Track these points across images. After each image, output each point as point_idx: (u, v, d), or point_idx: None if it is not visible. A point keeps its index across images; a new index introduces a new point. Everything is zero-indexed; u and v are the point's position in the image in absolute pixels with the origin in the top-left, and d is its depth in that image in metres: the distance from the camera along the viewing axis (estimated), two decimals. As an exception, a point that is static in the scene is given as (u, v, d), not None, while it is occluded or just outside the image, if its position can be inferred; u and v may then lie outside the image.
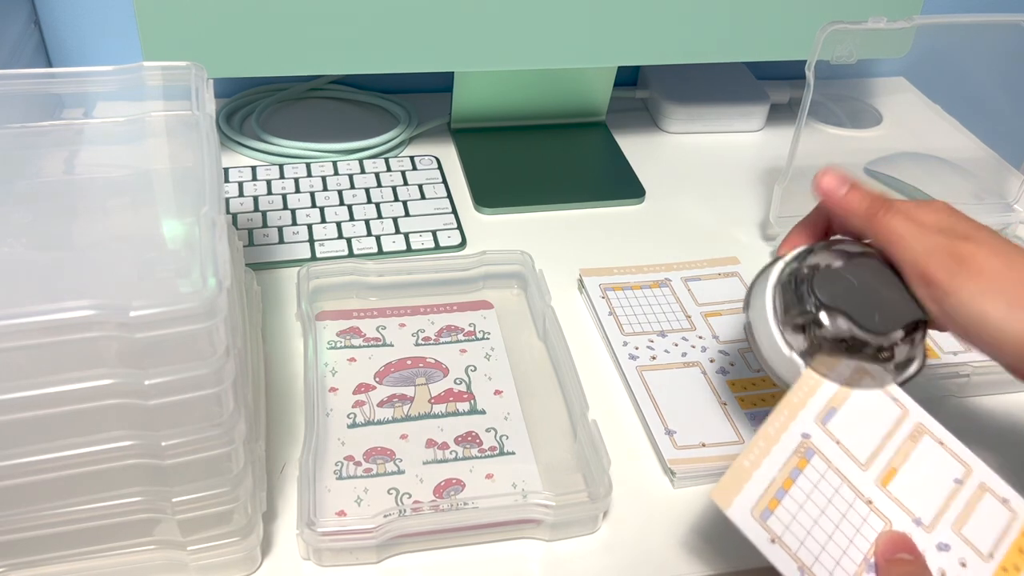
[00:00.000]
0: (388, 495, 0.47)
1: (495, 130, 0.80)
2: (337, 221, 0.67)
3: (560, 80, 0.78)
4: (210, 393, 0.37)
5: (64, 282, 0.38)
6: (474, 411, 0.53)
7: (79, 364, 0.34)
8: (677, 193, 0.75)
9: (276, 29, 0.63)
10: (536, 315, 0.59)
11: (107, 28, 0.78)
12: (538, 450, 0.51)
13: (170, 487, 0.39)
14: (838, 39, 0.60)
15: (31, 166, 0.45)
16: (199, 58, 0.49)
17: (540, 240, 0.68)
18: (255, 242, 0.65)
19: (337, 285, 0.59)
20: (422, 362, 0.55)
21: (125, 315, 0.33)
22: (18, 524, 0.38)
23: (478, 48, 0.67)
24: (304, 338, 0.55)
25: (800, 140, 0.63)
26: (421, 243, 0.66)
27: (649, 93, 0.85)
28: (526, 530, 0.47)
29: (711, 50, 0.72)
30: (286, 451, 0.50)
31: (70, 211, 0.42)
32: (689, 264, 0.65)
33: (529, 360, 0.57)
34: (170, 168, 0.46)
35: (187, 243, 0.39)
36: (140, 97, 0.47)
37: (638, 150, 0.80)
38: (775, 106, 0.86)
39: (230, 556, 0.43)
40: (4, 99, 0.47)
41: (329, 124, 0.79)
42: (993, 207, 0.73)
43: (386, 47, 0.66)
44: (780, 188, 0.66)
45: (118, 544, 0.41)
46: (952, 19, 0.65)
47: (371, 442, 0.50)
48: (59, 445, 0.36)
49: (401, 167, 0.74)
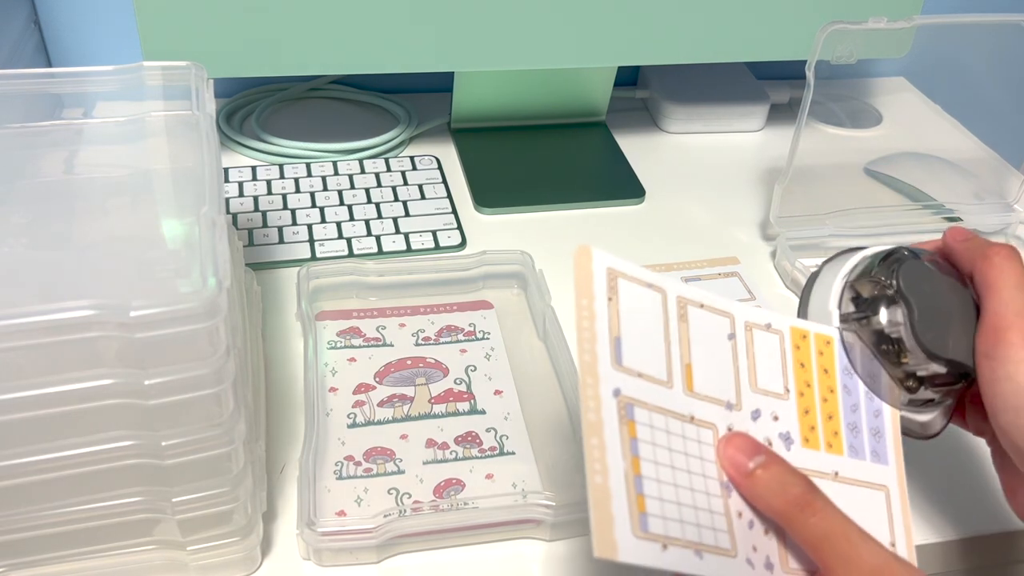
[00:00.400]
0: (388, 495, 0.47)
1: (495, 130, 0.80)
2: (337, 221, 0.67)
3: (560, 80, 0.78)
4: (210, 393, 0.37)
5: (64, 282, 0.38)
6: (474, 411, 0.53)
7: (79, 364, 0.34)
8: (677, 193, 0.75)
9: (276, 29, 0.63)
10: (536, 315, 0.59)
11: (107, 28, 0.78)
12: (538, 450, 0.51)
13: (170, 487, 0.39)
14: (838, 39, 0.60)
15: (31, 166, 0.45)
16: (199, 58, 0.49)
17: (540, 240, 0.68)
18: (255, 242, 0.65)
19: (337, 285, 0.59)
20: (422, 362, 0.55)
21: (125, 315, 0.33)
22: (18, 524, 0.38)
23: (478, 48, 0.67)
24: (304, 338, 0.55)
25: (800, 140, 0.63)
26: (421, 243, 0.66)
27: (649, 93, 0.85)
28: (526, 530, 0.47)
29: (711, 50, 0.72)
30: (286, 451, 0.50)
31: (70, 211, 0.42)
32: (689, 264, 0.65)
33: (529, 360, 0.57)
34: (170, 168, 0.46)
35: (187, 243, 0.39)
36: (140, 97, 0.47)
37: (638, 150, 0.80)
38: (775, 106, 0.86)
39: (230, 556, 0.43)
40: (4, 99, 0.46)
41: (329, 124, 0.79)
42: (993, 207, 0.73)
43: (386, 47, 0.66)
44: (780, 188, 0.66)
45: (118, 544, 0.41)
46: (952, 19, 0.65)
47: (371, 442, 0.50)
48: (59, 445, 0.36)
49: (401, 167, 0.74)
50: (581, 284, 0.37)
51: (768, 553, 0.37)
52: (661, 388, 0.38)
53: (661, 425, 0.37)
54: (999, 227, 0.72)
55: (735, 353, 0.40)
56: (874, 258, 0.43)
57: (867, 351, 0.42)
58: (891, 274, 0.41)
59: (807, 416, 0.41)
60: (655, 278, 0.39)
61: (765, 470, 0.37)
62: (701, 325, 0.40)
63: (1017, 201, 0.73)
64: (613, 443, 0.35)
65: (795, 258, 0.65)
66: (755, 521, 0.38)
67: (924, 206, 0.73)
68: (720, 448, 0.38)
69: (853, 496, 0.40)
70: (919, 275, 0.41)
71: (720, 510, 0.37)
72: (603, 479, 0.34)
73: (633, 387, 0.37)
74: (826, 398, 0.42)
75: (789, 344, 0.42)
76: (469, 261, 0.61)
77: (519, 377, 0.55)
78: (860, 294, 0.42)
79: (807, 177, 0.67)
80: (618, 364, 0.37)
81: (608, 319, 0.37)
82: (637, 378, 0.37)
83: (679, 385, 0.38)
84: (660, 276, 0.39)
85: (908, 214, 0.72)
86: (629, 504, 0.34)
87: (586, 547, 0.47)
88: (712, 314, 0.40)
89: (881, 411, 0.42)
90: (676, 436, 0.37)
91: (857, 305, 0.42)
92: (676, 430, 0.37)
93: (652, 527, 0.34)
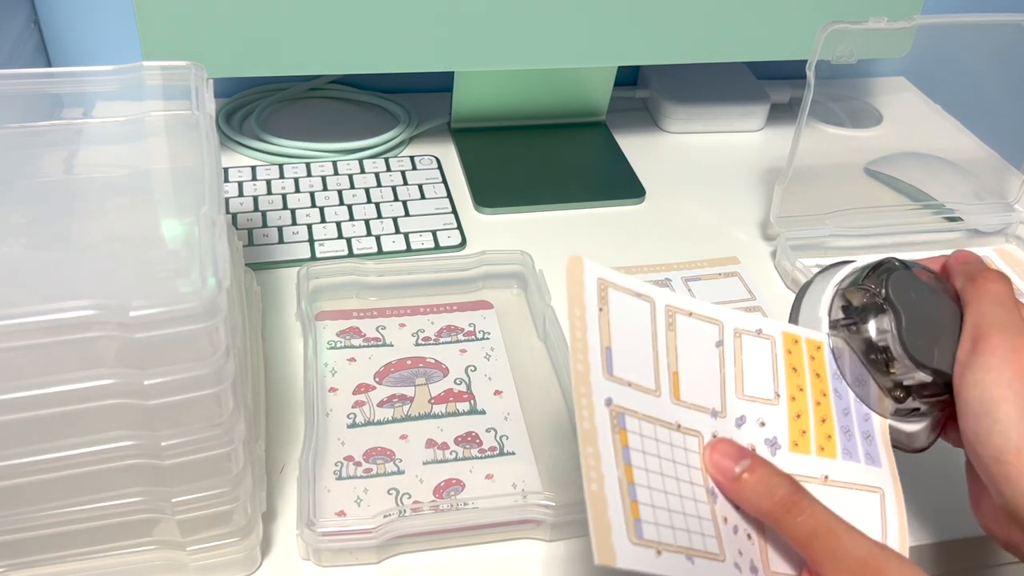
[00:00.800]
0: (388, 495, 0.47)
1: (495, 130, 0.80)
2: (337, 221, 0.67)
3: (560, 80, 0.78)
4: (210, 393, 0.37)
5: (64, 282, 0.38)
6: (474, 411, 0.53)
7: (79, 364, 0.34)
8: (677, 193, 0.75)
9: (276, 29, 0.63)
10: (536, 315, 0.59)
11: (107, 28, 0.78)
12: (538, 450, 0.50)
13: (170, 487, 0.39)
14: (838, 39, 0.60)
15: (30, 166, 0.45)
16: (199, 58, 0.49)
17: (540, 240, 0.68)
18: (255, 242, 0.65)
19: (337, 285, 0.59)
20: (422, 362, 0.55)
21: (125, 315, 0.33)
22: (18, 524, 0.38)
23: (478, 48, 0.67)
24: (304, 338, 0.55)
25: (800, 140, 0.63)
26: (421, 243, 0.66)
27: (649, 93, 0.85)
28: (526, 530, 0.47)
29: (711, 50, 0.72)
30: (286, 451, 0.50)
31: (69, 211, 0.42)
32: (689, 264, 0.65)
33: (529, 360, 0.57)
34: (170, 168, 0.46)
35: (187, 243, 0.39)
36: (140, 97, 0.47)
37: (638, 150, 0.80)
38: (775, 106, 0.86)
39: (230, 556, 0.43)
40: (4, 99, 0.46)
41: (329, 124, 0.79)
42: (993, 207, 0.73)
43: (386, 47, 0.66)
44: (780, 188, 0.66)
45: (118, 544, 0.41)
46: (952, 19, 0.65)
47: (371, 442, 0.50)
48: (59, 445, 0.36)
49: (401, 167, 0.74)
50: (573, 295, 0.37)
51: (752, 557, 0.38)
52: (649, 397, 0.38)
53: (650, 433, 0.38)
54: (999, 227, 0.72)
55: (722, 360, 0.41)
56: (864, 268, 0.43)
57: (856, 359, 0.42)
58: (881, 283, 0.41)
59: (799, 420, 0.41)
60: (644, 288, 0.40)
61: (751, 473, 0.37)
62: (689, 333, 0.40)
63: (1017, 201, 0.73)
64: (607, 451, 0.36)
65: (795, 258, 0.65)
66: (739, 526, 0.38)
67: (924, 206, 0.73)
68: (706, 454, 0.39)
69: (843, 499, 0.41)
70: (908, 285, 0.42)
71: (707, 516, 0.37)
72: (599, 487, 0.35)
73: (624, 396, 0.37)
74: (819, 401, 0.42)
75: (781, 349, 0.42)
76: (469, 261, 0.61)
77: (519, 377, 0.55)
78: (850, 303, 0.43)
79: (807, 177, 0.67)
80: (609, 374, 0.37)
81: (599, 329, 0.38)
82: (627, 387, 0.38)
83: (666, 394, 0.39)
84: (649, 286, 0.40)
85: (908, 214, 0.72)
86: (624, 511, 0.35)
87: (586, 547, 0.47)
88: (700, 322, 0.41)
89: (871, 416, 0.43)
90: (664, 444, 0.38)
91: (847, 313, 0.42)
92: (664, 438, 0.38)
93: (646, 533, 0.35)
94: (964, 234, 0.72)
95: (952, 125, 0.87)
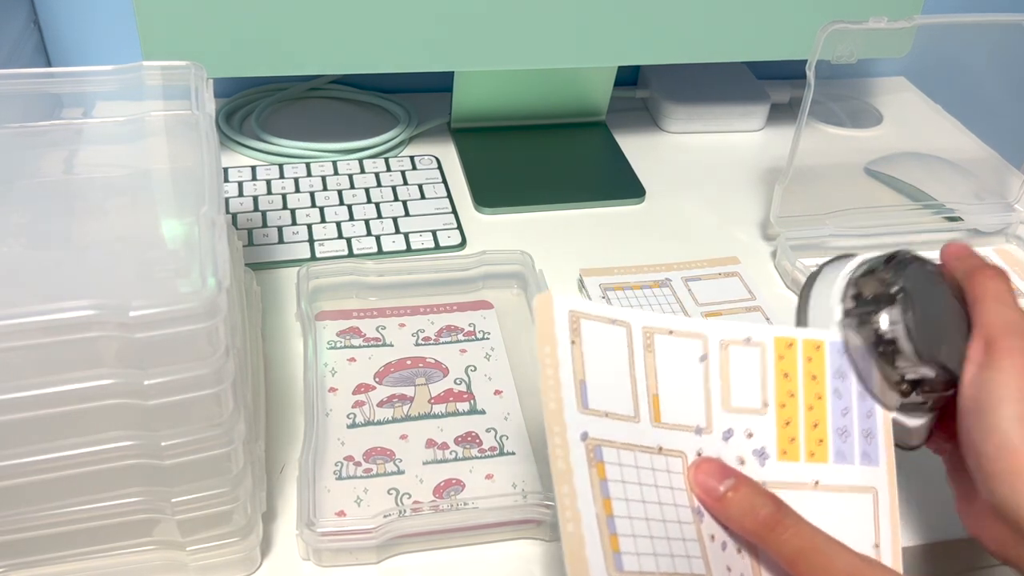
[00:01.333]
0: (388, 495, 0.47)
1: (495, 130, 0.80)
2: (337, 221, 0.67)
3: (560, 80, 0.78)
4: (210, 393, 0.37)
5: (63, 282, 0.38)
6: (474, 411, 0.53)
7: (79, 364, 0.34)
8: (677, 193, 0.75)
9: (276, 29, 0.63)
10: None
11: (107, 28, 0.78)
12: (538, 450, 0.50)
13: (170, 487, 0.39)
14: (838, 39, 0.60)
15: (30, 166, 0.45)
16: (199, 58, 0.49)
17: (540, 240, 0.68)
18: (255, 242, 0.65)
19: (337, 285, 0.59)
20: (422, 362, 0.55)
21: (125, 315, 0.33)
22: (18, 524, 0.38)
23: (478, 48, 0.67)
24: (304, 338, 0.55)
25: (800, 140, 0.63)
26: (421, 243, 0.66)
27: (649, 93, 0.85)
28: (526, 530, 0.47)
29: (711, 50, 0.72)
30: (286, 451, 0.50)
31: (69, 211, 0.42)
32: (689, 264, 0.65)
33: (529, 360, 0.57)
34: (170, 168, 0.46)
35: (187, 243, 0.39)
36: (139, 97, 0.47)
37: (638, 150, 0.80)
38: (775, 106, 0.85)
39: (230, 556, 0.43)
40: (4, 99, 0.46)
41: (329, 124, 0.79)
42: (993, 207, 0.73)
43: (386, 47, 0.66)
44: (780, 188, 0.66)
45: (118, 544, 0.41)
46: (952, 19, 0.65)
47: (371, 442, 0.50)
48: (59, 445, 0.36)
49: (401, 167, 0.74)
50: (543, 332, 0.37)
51: (742, 571, 0.38)
52: (628, 424, 0.38)
53: (630, 461, 0.37)
54: (999, 227, 0.72)
55: (707, 375, 0.41)
56: (879, 258, 0.43)
57: (865, 351, 0.42)
58: (897, 274, 0.41)
59: (787, 428, 0.41)
60: (619, 313, 0.39)
61: (735, 492, 0.38)
62: (670, 352, 0.40)
63: (1017, 201, 0.73)
64: (583, 489, 0.36)
65: (795, 258, 0.65)
66: (728, 542, 0.38)
67: (924, 206, 0.73)
68: (690, 474, 0.39)
69: (834, 503, 0.41)
70: (924, 278, 0.42)
71: (693, 536, 0.37)
72: (575, 527, 0.35)
73: (600, 428, 0.37)
74: (812, 406, 0.42)
75: (772, 355, 0.42)
76: (469, 261, 0.61)
77: (519, 377, 0.55)
78: (862, 293, 0.42)
79: (807, 177, 0.67)
80: (584, 408, 0.37)
81: (572, 363, 0.37)
82: (604, 418, 0.37)
83: (646, 418, 0.39)
84: (625, 310, 0.40)
85: (908, 214, 0.72)
86: (603, 546, 0.35)
87: (586, 547, 0.47)
88: (682, 339, 0.40)
89: (874, 412, 0.42)
90: (645, 470, 0.38)
91: (858, 303, 0.42)
92: (645, 463, 0.38)
93: (627, 565, 0.35)
94: (964, 234, 0.72)
95: (952, 125, 0.87)
